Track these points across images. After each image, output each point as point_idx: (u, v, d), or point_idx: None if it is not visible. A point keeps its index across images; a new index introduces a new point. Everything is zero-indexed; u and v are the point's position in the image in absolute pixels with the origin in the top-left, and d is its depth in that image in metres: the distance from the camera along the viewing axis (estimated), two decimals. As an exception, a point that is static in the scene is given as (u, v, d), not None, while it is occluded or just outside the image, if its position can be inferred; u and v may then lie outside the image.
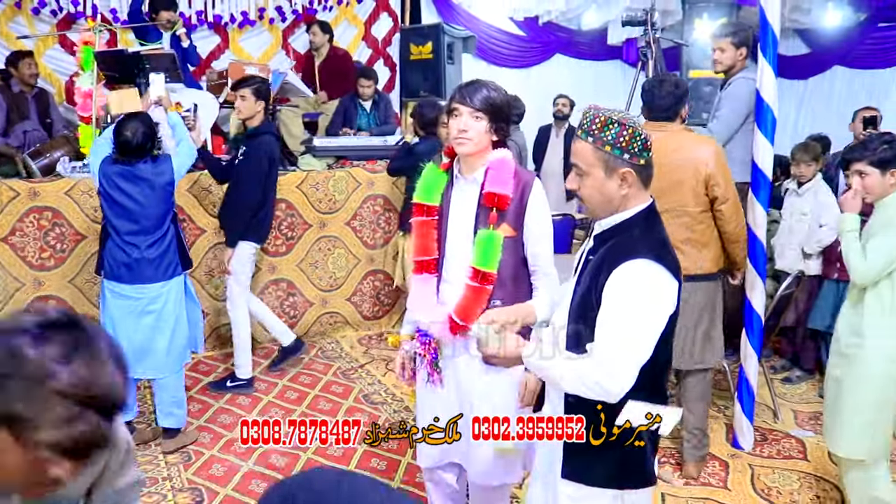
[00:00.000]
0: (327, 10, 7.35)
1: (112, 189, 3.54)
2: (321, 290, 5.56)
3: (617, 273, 1.71)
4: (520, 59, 8.66)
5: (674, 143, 3.29)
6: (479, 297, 2.35)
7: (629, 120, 1.75)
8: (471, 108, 2.31)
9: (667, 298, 1.73)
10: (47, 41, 6.36)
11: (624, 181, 1.76)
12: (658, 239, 1.80)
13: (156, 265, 3.62)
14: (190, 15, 6.67)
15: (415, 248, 2.52)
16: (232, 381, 4.56)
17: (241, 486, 3.39)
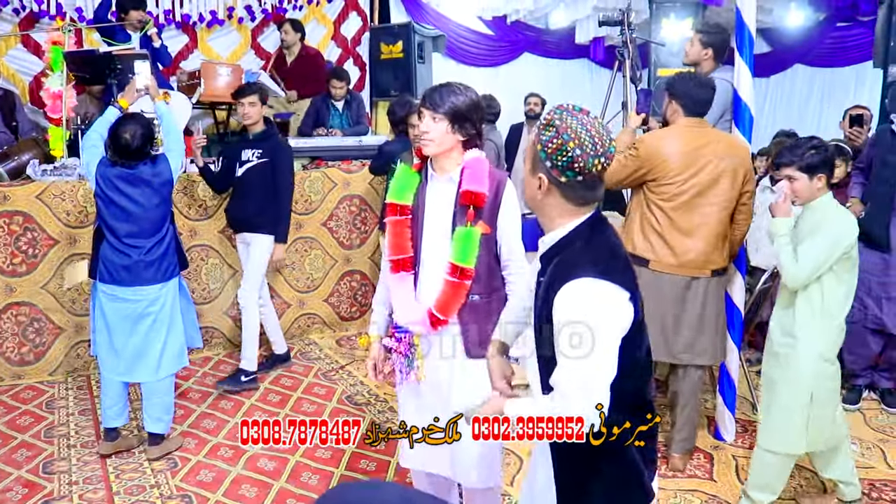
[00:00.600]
0: (297, 9, 7.28)
1: (111, 191, 3.46)
2: (298, 292, 5.52)
3: (559, 297, 1.64)
4: (489, 58, 8.69)
5: (709, 137, 3.37)
6: (457, 291, 2.43)
7: (569, 131, 1.65)
8: (431, 110, 2.40)
9: (617, 314, 1.64)
10: (9, 41, 6.19)
11: (540, 187, 1.71)
12: (604, 249, 1.71)
13: (156, 267, 3.56)
14: (158, 14, 6.55)
15: (390, 247, 2.57)
16: (245, 375, 4.60)
17: (231, 492, 3.35)
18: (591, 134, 1.66)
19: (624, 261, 1.73)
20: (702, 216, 3.34)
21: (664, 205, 3.34)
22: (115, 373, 3.62)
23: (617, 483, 1.78)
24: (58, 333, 4.67)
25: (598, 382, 1.61)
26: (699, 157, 3.30)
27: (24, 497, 3.29)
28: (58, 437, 3.89)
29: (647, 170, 3.34)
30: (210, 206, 5.08)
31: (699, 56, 4.01)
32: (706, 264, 3.40)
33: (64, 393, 4.46)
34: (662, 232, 3.36)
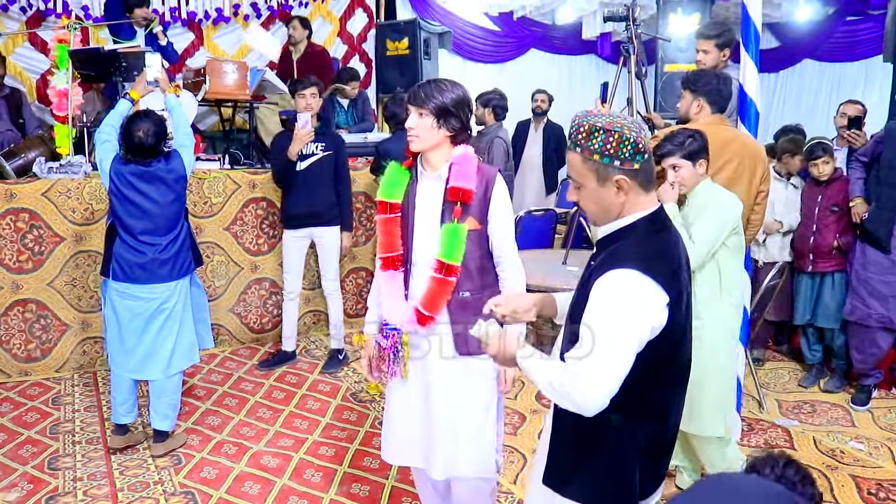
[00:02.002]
0: (302, 6, 7.29)
1: (127, 188, 3.46)
2: (304, 288, 5.51)
3: (600, 281, 1.64)
4: (495, 54, 8.67)
5: (733, 134, 3.37)
6: (443, 288, 2.43)
7: (615, 124, 1.65)
8: (416, 106, 2.41)
9: (649, 310, 1.61)
10: (17, 39, 6.23)
11: (620, 189, 1.67)
12: (655, 248, 1.68)
13: (171, 264, 3.56)
14: (164, 12, 6.58)
15: (380, 244, 2.57)
16: (340, 353, 4.91)
17: (233, 489, 3.36)
18: (622, 118, 1.69)
19: (674, 264, 1.69)
20: None
21: None
22: (125, 370, 3.63)
23: (603, 479, 1.76)
24: (64, 330, 4.68)
25: (608, 370, 1.58)
26: (724, 155, 3.27)
27: (29, 493, 3.30)
28: (63, 433, 3.90)
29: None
30: (216, 203, 5.09)
31: (718, 60, 3.93)
32: None
33: (70, 389, 4.48)
34: None
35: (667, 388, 1.76)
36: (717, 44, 3.82)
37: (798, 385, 4.66)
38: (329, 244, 4.81)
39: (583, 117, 1.69)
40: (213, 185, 5.10)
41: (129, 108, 3.59)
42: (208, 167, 5.18)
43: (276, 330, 5.44)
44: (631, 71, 4.36)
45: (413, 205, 2.52)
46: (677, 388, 1.80)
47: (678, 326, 1.68)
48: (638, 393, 1.67)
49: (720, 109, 3.40)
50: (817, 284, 4.58)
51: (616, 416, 1.67)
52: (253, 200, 5.27)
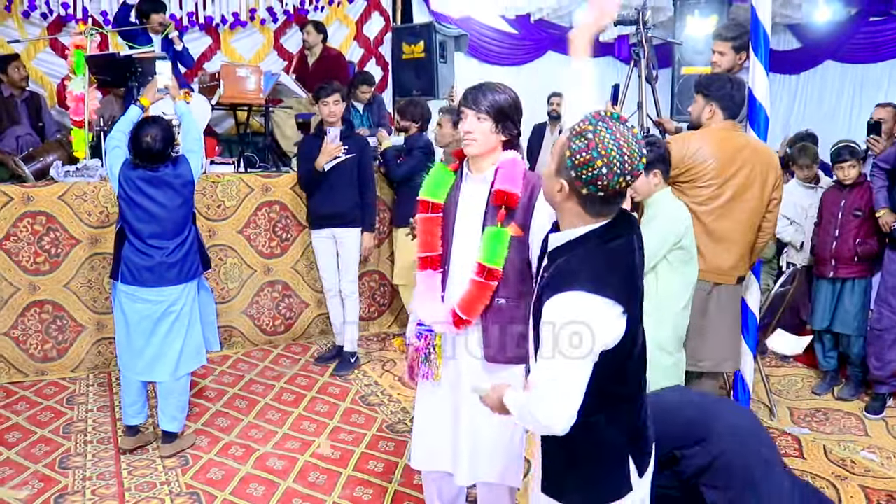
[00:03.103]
0: (319, 10, 7.33)
1: (135, 193, 3.51)
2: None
3: (550, 305, 1.65)
4: (512, 57, 8.65)
5: (745, 141, 3.35)
6: (483, 292, 2.40)
7: (599, 148, 1.61)
8: (474, 110, 2.38)
9: (602, 329, 1.62)
10: (38, 44, 6.33)
11: (560, 190, 1.70)
12: (606, 261, 1.68)
13: (178, 268, 3.61)
14: (181, 17, 6.65)
15: (419, 244, 2.56)
16: (352, 356, 4.96)
17: (238, 490, 3.39)
18: (622, 151, 1.62)
19: (625, 272, 1.70)
20: (734, 221, 3.30)
21: (697, 208, 3.27)
22: (133, 372, 3.68)
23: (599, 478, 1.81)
24: (80, 331, 4.76)
25: (565, 393, 1.62)
26: (736, 161, 3.26)
27: (40, 491, 3.36)
28: (76, 432, 3.97)
29: (680, 172, 3.26)
30: (229, 206, 5.14)
31: (734, 62, 3.87)
32: (733, 271, 3.36)
33: (85, 389, 4.55)
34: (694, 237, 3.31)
35: (634, 376, 1.82)
36: (734, 46, 3.78)
37: (811, 392, 4.61)
38: (350, 245, 4.86)
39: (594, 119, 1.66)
40: (227, 188, 5.14)
41: (140, 115, 3.64)
42: (222, 170, 5.24)
43: (289, 332, 5.50)
44: (641, 75, 4.34)
45: (456, 206, 2.51)
46: (639, 371, 1.85)
47: (636, 323, 1.72)
48: (609, 391, 1.72)
49: (733, 115, 3.38)
50: (837, 290, 4.53)
51: (596, 417, 1.71)
52: (266, 203, 5.31)
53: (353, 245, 4.87)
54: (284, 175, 5.40)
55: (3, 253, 4.49)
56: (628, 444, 1.81)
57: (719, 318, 3.37)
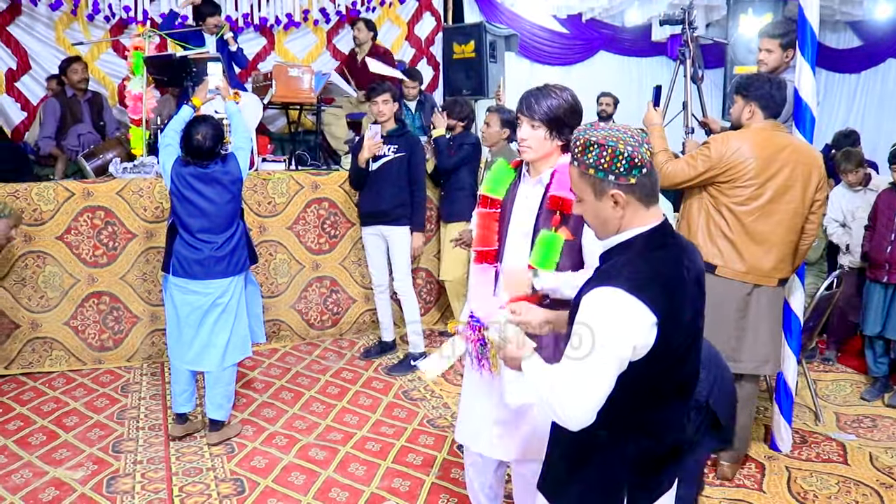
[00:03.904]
0: (370, 10, 7.44)
1: (186, 189, 3.65)
2: (363, 288, 5.65)
3: (587, 297, 1.63)
4: (563, 57, 8.64)
5: (787, 141, 3.31)
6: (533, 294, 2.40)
7: (610, 139, 1.64)
8: (528, 118, 2.41)
9: (631, 330, 1.58)
10: (101, 46, 6.59)
11: (616, 203, 1.66)
12: (649, 266, 1.65)
13: (227, 261, 3.73)
14: (236, 18, 6.84)
15: (476, 238, 2.61)
16: (413, 359, 4.91)
17: (280, 478, 3.50)
18: (622, 132, 1.66)
19: (669, 283, 1.65)
20: (775, 223, 3.26)
21: (737, 209, 3.25)
22: (183, 362, 3.82)
23: (590, 492, 1.76)
24: (135, 322, 4.95)
25: (586, 388, 1.58)
26: (776, 161, 3.22)
27: (94, 472, 3.52)
28: (129, 419, 4.13)
29: (719, 171, 3.24)
30: (279, 203, 5.27)
31: (781, 60, 3.82)
32: (774, 273, 3.32)
33: (139, 378, 4.73)
34: (733, 238, 3.27)
35: (660, 406, 1.73)
36: (782, 43, 3.72)
37: (860, 398, 4.51)
38: (399, 243, 4.89)
39: (581, 131, 1.69)
40: (277, 185, 5.27)
41: (191, 114, 3.78)
42: (273, 168, 5.38)
43: (336, 327, 5.61)
44: (686, 74, 4.31)
45: (512, 205, 2.55)
46: (675, 405, 1.77)
47: (673, 345, 1.64)
48: (627, 410, 1.66)
49: (773, 115, 3.34)
50: (890, 295, 4.43)
51: (603, 431, 1.66)
52: (315, 201, 5.43)
53: (402, 243, 4.89)
54: (333, 173, 5.51)
55: (65, 246, 4.70)
56: (630, 472, 1.73)
57: (759, 320, 3.33)
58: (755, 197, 3.23)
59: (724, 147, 3.24)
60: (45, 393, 4.46)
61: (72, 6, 6.33)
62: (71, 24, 6.47)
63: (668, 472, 1.81)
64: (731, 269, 3.29)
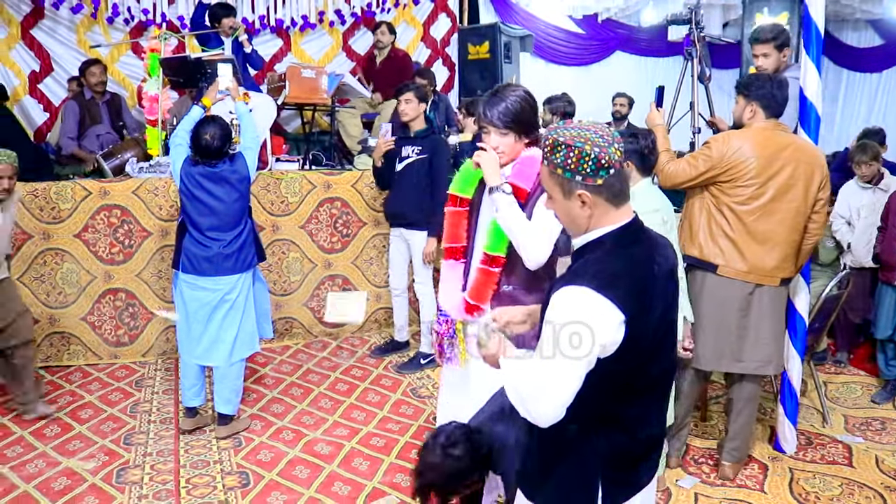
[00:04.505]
0: (386, 12, 7.51)
1: (195, 188, 3.73)
2: (376, 287, 5.71)
3: (555, 296, 1.65)
4: (578, 57, 8.65)
5: (789, 140, 3.31)
6: (488, 279, 2.56)
7: (577, 139, 1.64)
8: (495, 127, 2.52)
9: (600, 329, 1.59)
10: (121, 48, 6.73)
11: (584, 203, 1.67)
12: (618, 264, 1.66)
13: (235, 258, 3.80)
14: (253, 20, 6.95)
15: (445, 235, 2.73)
16: (424, 357, 4.94)
17: (284, 472, 3.56)
18: (591, 132, 1.66)
19: (639, 281, 1.66)
20: (776, 222, 3.26)
21: (738, 208, 3.26)
22: (192, 356, 3.90)
23: (564, 488, 1.79)
24: (150, 318, 5.04)
25: (554, 386, 1.60)
26: (778, 160, 3.23)
27: (105, 463, 3.62)
28: (141, 412, 4.22)
29: (720, 171, 3.25)
30: (292, 202, 5.34)
31: (779, 61, 3.85)
32: (776, 272, 3.32)
33: (152, 373, 4.82)
34: (734, 237, 3.28)
35: (633, 401, 1.74)
36: (776, 45, 3.75)
37: (870, 401, 4.48)
38: (417, 247, 4.86)
39: (551, 130, 1.71)
40: (290, 184, 5.34)
41: (201, 115, 3.86)
42: (287, 168, 5.45)
43: (349, 325, 5.65)
44: (694, 73, 4.31)
45: (480, 202, 2.66)
46: (648, 401, 1.79)
47: (643, 342, 1.65)
48: (597, 405, 1.68)
49: (775, 114, 3.34)
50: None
51: (573, 425, 1.68)
52: (328, 200, 5.49)
53: (420, 248, 4.86)
54: (346, 173, 5.58)
55: (82, 243, 4.80)
56: (604, 467, 1.75)
57: (761, 320, 3.34)
58: (756, 196, 3.23)
59: (724, 146, 3.25)
60: (62, 386, 4.56)
61: (92, 9, 6.47)
62: (92, 27, 6.61)
63: (644, 468, 1.83)
64: (733, 268, 3.29)
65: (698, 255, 3.35)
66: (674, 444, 3.59)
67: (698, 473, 3.56)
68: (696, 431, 4.00)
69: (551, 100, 5.38)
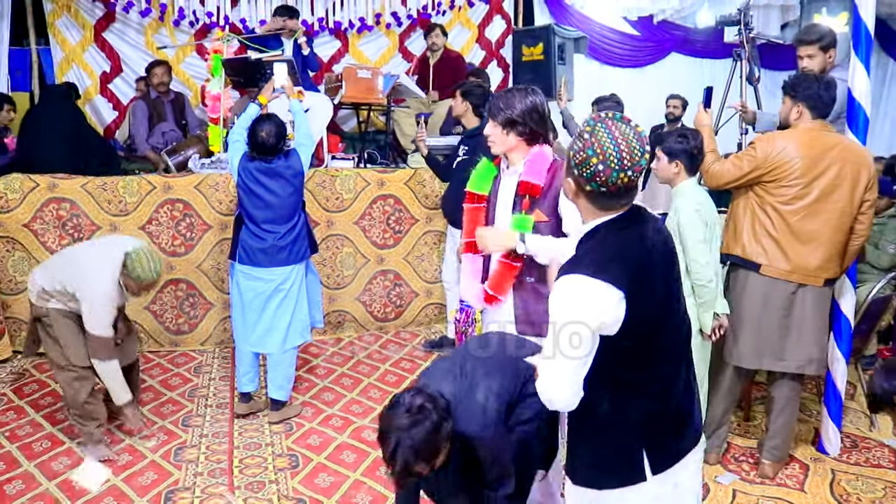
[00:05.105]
0: (441, 14, 7.64)
1: (252, 183, 3.91)
2: (426, 282, 5.83)
3: (554, 287, 1.76)
4: (633, 59, 8.63)
5: (835, 140, 3.33)
6: (508, 271, 2.70)
7: (593, 146, 1.70)
8: (492, 120, 2.72)
9: (598, 309, 1.69)
10: (186, 50, 7.02)
11: (570, 189, 1.81)
12: (610, 247, 1.77)
13: (288, 250, 3.97)
14: (312, 22, 7.16)
15: (464, 230, 2.91)
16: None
17: (332, 456, 3.71)
18: (619, 148, 1.68)
19: (630, 261, 1.75)
20: (821, 222, 3.27)
21: (783, 208, 3.28)
22: (247, 344, 4.08)
23: (613, 457, 1.89)
24: (209, 308, 5.26)
25: (563, 371, 1.72)
26: (824, 160, 3.24)
27: (164, 442, 3.83)
28: (199, 397, 4.43)
29: (765, 171, 3.27)
30: (346, 199, 5.50)
31: (825, 62, 3.84)
32: (820, 272, 3.33)
33: (210, 361, 5.04)
34: (778, 237, 3.30)
35: (652, 369, 1.85)
36: (822, 46, 3.74)
37: (922, 406, 4.41)
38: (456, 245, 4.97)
39: (593, 120, 1.78)
40: (345, 182, 5.50)
41: (258, 112, 4.04)
42: (341, 165, 5.62)
43: (399, 319, 5.80)
44: (743, 74, 4.31)
45: (496, 197, 2.82)
46: (668, 366, 1.89)
47: (648, 313, 1.76)
48: (620, 379, 1.80)
49: (822, 115, 3.34)
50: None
51: (605, 402, 1.80)
52: (381, 197, 5.63)
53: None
54: (399, 171, 5.72)
55: (146, 235, 5.05)
56: (643, 437, 1.85)
57: (804, 319, 3.34)
58: (801, 196, 3.25)
59: (769, 147, 3.28)
60: (126, 371, 4.81)
61: (159, 13, 6.77)
62: (159, 30, 6.92)
63: (685, 431, 1.93)
64: (776, 268, 3.31)
65: (741, 253, 3.38)
66: (713, 441, 3.62)
67: (738, 471, 3.58)
68: (739, 431, 4.01)
69: (599, 100, 5.41)
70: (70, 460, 3.64)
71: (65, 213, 4.89)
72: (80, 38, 6.79)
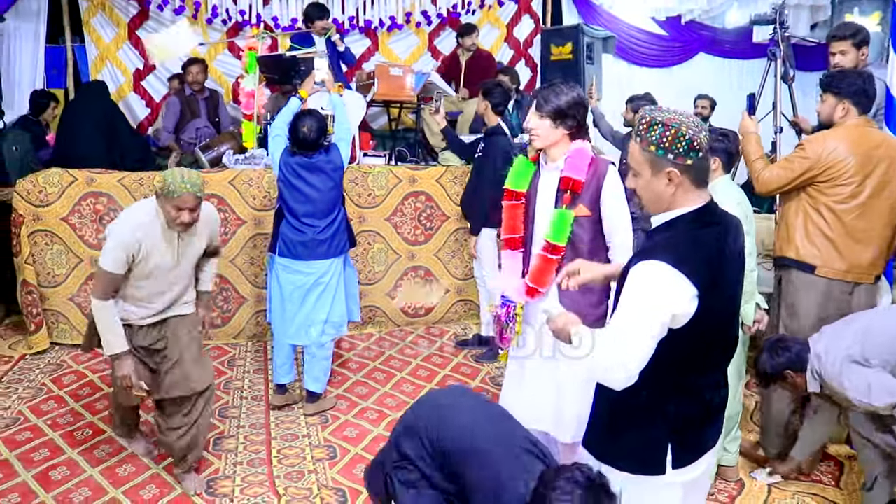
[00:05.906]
0: (471, 13, 7.68)
1: (293, 177, 3.95)
2: (457, 279, 5.86)
3: (633, 270, 1.79)
4: (661, 59, 8.61)
5: (882, 137, 3.34)
6: (549, 265, 2.74)
7: (674, 120, 1.76)
8: (537, 110, 2.73)
9: (672, 300, 1.72)
10: (218, 47, 7.10)
11: (670, 181, 1.79)
12: (691, 242, 1.79)
13: (328, 244, 4.02)
14: (343, 21, 7.22)
15: (504, 227, 2.93)
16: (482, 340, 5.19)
17: (369, 447, 3.74)
18: (685, 116, 1.80)
19: (708, 259, 1.77)
20: (872, 219, 3.28)
21: (837, 207, 3.27)
22: (285, 336, 4.13)
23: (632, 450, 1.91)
24: (242, 302, 5.32)
25: (628, 351, 1.74)
26: (873, 157, 3.24)
27: (202, 434, 3.87)
28: (234, 389, 4.49)
29: (818, 171, 3.27)
30: (378, 195, 5.54)
31: (858, 60, 3.84)
32: (872, 269, 3.33)
33: (243, 354, 5.09)
34: (833, 237, 3.29)
35: (705, 370, 1.87)
36: (855, 43, 3.74)
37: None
38: (482, 243, 4.94)
39: (647, 110, 1.85)
40: (377, 178, 5.54)
41: (299, 105, 4.09)
42: (373, 162, 5.66)
43: (430, 315, 5.83)
44: (777, 74, 4.31)
45: (536, 193, 2.85)
46: (716, 369, 1.92)
47: (715, 314, 1.79)
48: (670, 374, 1.82)
49: (865, 111, 3.34)
50: None
51: (645, 391, 1.81)
52: (412, 194, 5.67)
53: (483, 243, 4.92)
54: (431, 168, 5.75)
55: (182, 229, 5.11)
56: (672, 431, 1.87)
57: None
58: (855, 195, 3.24)
59: (820, 147, 3.27)
60: (162, 363, 4.87)
61: (193, 10, 6.86)
62: (192, 28, 6.98)
63: (710, 433, 1.96)
64: (832, 268, 3.30)
65: (795, 255, 3.37)
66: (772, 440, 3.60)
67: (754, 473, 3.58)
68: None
69: (633, 99, 5.44)
70: (111, 448, 3.70)
71: (102, 208, 4.96)
72: (114, 36, 6.90)
